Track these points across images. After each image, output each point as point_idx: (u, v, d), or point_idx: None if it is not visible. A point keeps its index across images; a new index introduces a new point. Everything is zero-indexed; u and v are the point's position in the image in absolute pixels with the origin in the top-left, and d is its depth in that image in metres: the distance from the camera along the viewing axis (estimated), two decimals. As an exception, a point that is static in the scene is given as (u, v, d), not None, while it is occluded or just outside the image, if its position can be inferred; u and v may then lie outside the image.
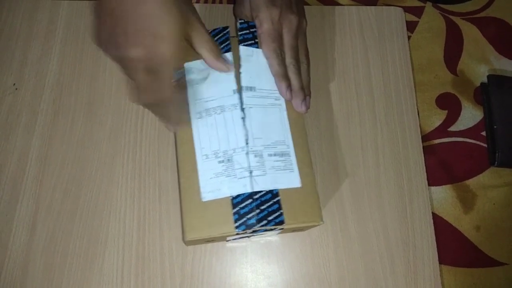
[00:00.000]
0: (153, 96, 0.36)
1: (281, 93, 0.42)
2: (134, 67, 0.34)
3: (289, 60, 0.43)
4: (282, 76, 0.42)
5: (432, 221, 0.48)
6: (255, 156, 0.39)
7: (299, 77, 0.43)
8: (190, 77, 0.42)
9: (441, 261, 0.47)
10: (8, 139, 0.49)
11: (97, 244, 0.46)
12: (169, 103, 0.38)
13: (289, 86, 0.42)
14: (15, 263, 0.45)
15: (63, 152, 0.49)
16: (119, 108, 0.51)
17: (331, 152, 0.50)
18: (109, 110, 0.51)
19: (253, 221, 0.37)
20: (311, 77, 0.46)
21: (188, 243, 0.40)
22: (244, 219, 0.37)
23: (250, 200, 0.38)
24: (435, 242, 0.47)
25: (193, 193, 0.38)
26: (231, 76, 0.42)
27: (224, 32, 0.44)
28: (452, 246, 0.49)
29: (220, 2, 0.58)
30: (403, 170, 0.50)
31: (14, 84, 0.52)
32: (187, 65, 0.42)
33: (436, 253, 0.47)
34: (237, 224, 0.37)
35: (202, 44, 0.40)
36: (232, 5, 0.57)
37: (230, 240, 0.44)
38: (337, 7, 0.58)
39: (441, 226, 0.49)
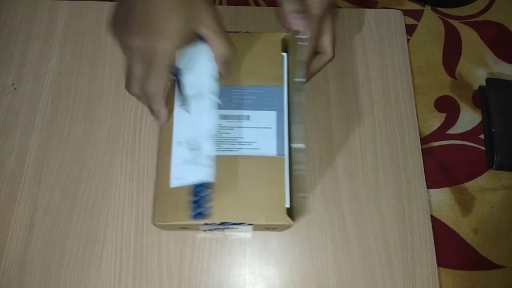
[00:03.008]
0: (142, 88, 0.38)
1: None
2: (132, 55, 0.36)
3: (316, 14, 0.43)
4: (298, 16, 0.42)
5: (430, 223, 0.48)
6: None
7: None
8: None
9: (439, 263, 0.47)
10: (7, 139, 0.49)
11: (94, 244, 0.46)
12: (156, 98, 0.38)
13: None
14: (12, 262, 0.45)
15: (61, 152, 0.49)
16: (117, 108, 0.51)
17: (329, 154, 0.50)
18: (108, 110, 0.51)
19: (210, 211, 0.37)
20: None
21: (160, 227, 0.40)
22: (203, 208, 0.37)
23: (211, 190, 0.38)
24: (433, 245, 0.47)
25: (165, 179, 0.39)
26: (211, 62, 0.41)
27: None
28: (451, 249, 0.49)
29: (220, 3, 0.58)
30: (402, 173, 0.50)
31: (13, 84, 0.52)
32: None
33: (435, 255, 0.47)
34: (195, 213, 0.37)
35: (213, 45, 0.39)
36: (232, 7, 0.57)
37: (205, 230, 0.45)
38: (336, 9, 0.58)
39: (439, 228, 0.49)
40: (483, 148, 0.54)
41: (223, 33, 0.39)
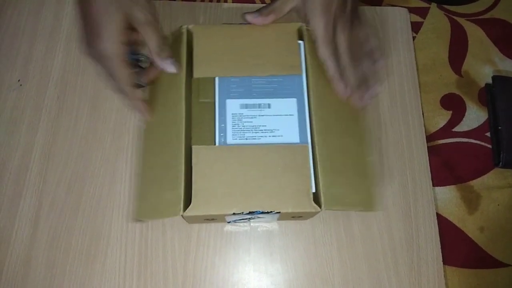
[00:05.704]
0: (113, 86, 0.43)
1: (340, 94, 0.44)
2: (93, 61, 0.41)
3: (344, 61, 0.44)
4: (338, 79, 0.43)
5: (436, 221, 0.48)
6: None
7: (355, 75, 0.44)
8: None
9: (445, 261, 0.47)
10: (12, 135, 0.49)
11: (99, 241, 0.46)
12: (129, 93, 0.42)
13: (346, 86, 0.44)
14: (17, 258, 0.45)
15: (66, 148, 0.49)
16: (123, 104, 0.51)
17: (335, 151, 0.50)
18: (113, 107, 0.51)
19: None
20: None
21: (186, 218, 0.40)
22: None
23: None
24: (439, 243, 0.47)
25: None
26: None
27: None
28: (456, 247, 0.49)
29: (225, 1, 0.58)
30: (408, 170, 0.50)
31: (19, 80, 0.52)
32: None
33: (440, 253, 0.47)
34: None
35: (147, 39, 0.41)
36: (238, 4, 0.57)
37: (230, 221, 0.45)
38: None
39: (445, 226, 0.49)
40: (489, 146, 0.53)
41: (155, 31, 0.41)
